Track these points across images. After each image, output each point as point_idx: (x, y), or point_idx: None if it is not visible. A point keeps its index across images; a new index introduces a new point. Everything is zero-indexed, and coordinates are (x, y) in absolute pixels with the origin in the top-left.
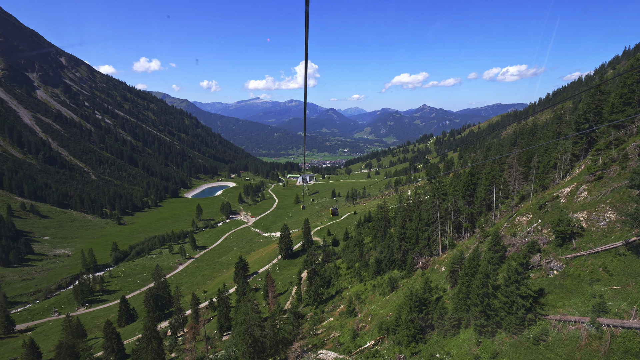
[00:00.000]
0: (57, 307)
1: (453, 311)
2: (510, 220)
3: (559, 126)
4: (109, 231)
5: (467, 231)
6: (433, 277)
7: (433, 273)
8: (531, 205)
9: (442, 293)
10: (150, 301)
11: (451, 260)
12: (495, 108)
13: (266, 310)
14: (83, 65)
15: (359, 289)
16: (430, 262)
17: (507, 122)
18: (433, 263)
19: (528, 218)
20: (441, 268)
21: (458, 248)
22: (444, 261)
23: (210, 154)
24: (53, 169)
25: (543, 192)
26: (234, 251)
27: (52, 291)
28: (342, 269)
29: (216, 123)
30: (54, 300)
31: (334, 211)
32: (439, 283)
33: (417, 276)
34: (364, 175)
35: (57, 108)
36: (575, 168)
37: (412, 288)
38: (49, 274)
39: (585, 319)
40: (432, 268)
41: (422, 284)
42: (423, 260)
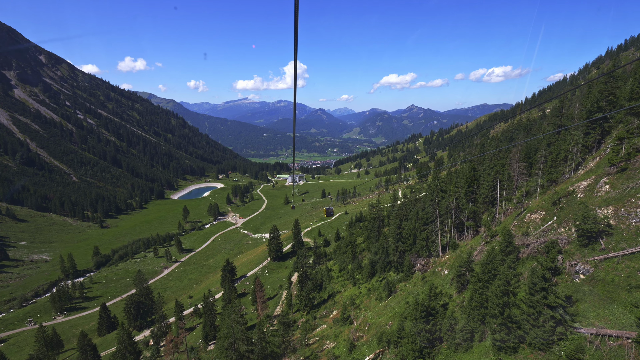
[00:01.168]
0: (33, 315)
1: (465, 322)
2: (519, 218)
3: (559, 119)
4: (91, 235)
5: (470, 230)
6: (435, 281)
7: (434, 276)
8: (543, 201)
9: (447, 299)
10: (130, 309)
11: (455, 262)
12: (482, 108)
13: (255, 317)
14: (64, 63)
15: (352, 293)
16: (430, 264)
17: (494, 121)
18: (433, 265)
19: (541, 215)
20: (443, 271)
21: (461, 249)
22: (446, 263)
23: (198, 154)
24: (31, 170)
25: (552, 187)
26: (221, 253)
27: (27, 299)
28: (334, 271)
29: (204, 124)
30: (30, 308)
31: (329, 211)
32: (442, 287)
33: (417, 279)
34: (354, 175)
35: (36, 107)
36: (588, 160)
37: (415, 294)
38: (25, 281)
39: (630, 333)
40: (432, 271)
41: (427, 290)
42: (422, 262)
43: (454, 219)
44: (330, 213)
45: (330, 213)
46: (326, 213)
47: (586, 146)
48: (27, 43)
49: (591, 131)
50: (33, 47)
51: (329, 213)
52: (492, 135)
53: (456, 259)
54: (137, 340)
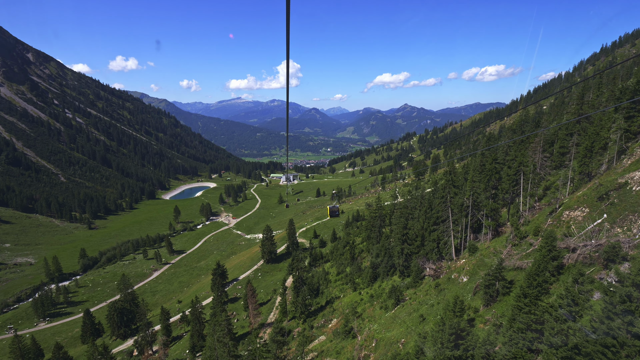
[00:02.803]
0: (14, 322)
1: (506, 349)
2: (555, 217)
3: (580, 107)
4: (79, 236)
5: (489, 231)
6: (453, 290)
7: (450, 284)
8: (584, 195)
9: (472, 314)
10: (114, 316)
11: (475, 267)
12: (475, 107)
13: (247, 324)
14: (52, 61)
15: (353, 299)
16: (443, 268)
17: (490, 119)
18: (448, 270)
19: (584, 213)
20: (461, 277)
21: (482, 252)
22: (464, 268)
23: (190, 154)
24: (17, 170)
25: (585, 179)
26: (213, 255)
27: (9, 305)
28: (331, 275)
29: (197, 123)
30: (11, 314)
31: (334, 211)
32: (463, 297)
33: (429, 287)
34: (349, 174)
35: (23, 106)
36: (634, 148)
37: (429, 304)
38: (7, 285)
39: None
40: (447, 277)
41: (448, 302)
42: (432, 267)
43: (470, 218)
44: (335, 213)
45: (335, 213)
46: (330, 213)
47: (630, 131)
48: (16, 43)
49: (636, 114)
50: (20, 44)
51: (334, 213)
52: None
53: (477, 264)
54: (121, 349)
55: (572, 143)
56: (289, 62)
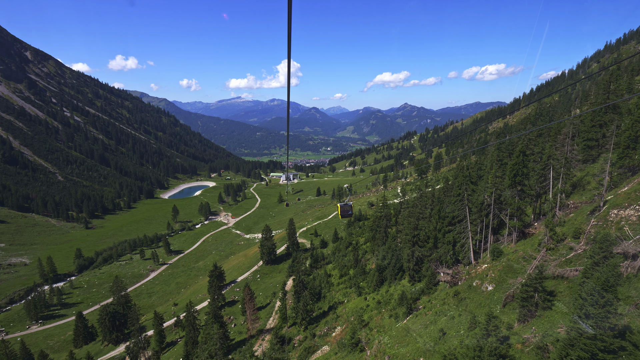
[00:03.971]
0: (6, 325)
1: None
2: (600, 216)
3: (607, 96)
4: (75, 236)
5: (514, 232)
6: (476, 300)
7: (472, 292)
8: (635, 192)
9: (505, 330)
10: (105, 320)
11: (502, 274)
12: (475, 106)
13: (244, 329)
14: (51, 60)
15: (358, 305)
16: (461, 274)
17: (492, 117)
18: (468, 277)
19: (639, 212)
20: (485, 285)
21: (508, 256)
22: (488, 275)
23: (190, 153)
24: (14, 169)
25: (629, 174)
26: (212, 255)
27: (1, 306)
28: (334, 277)
29: (197, 122)
30: (3, 317)
31: (345, 209)
32: (491, 309)
33: (446, 295)
34: (349, 173)
35: (20, 104)
36: None
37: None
38: (0, 286)
39: None
40: (468, 285)
41: (483, 321)
42: (448, 272)
43: (491, 218)
44: (347, 212)
45: (347, 212)
46: (341, 212)
47: None
48: (14, 41)
49: None
50: (18, 43)
51: (346, 212)
52: (490, 131)
53: (503, 270)
54: (112, 356)
55: (611, 133)
56: (290, 62)
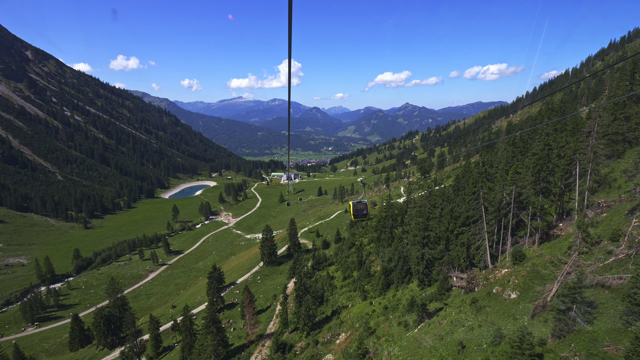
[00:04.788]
0: (1, 327)
1: None
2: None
3: (630, 87)
4: (74, 236)
5: (537, 233)
6: (497, 308)
7: (493, 300)
8: None
9: (539, 348)
10: (100, 324)
11: (527, 280)
12: (477, 106)
13: (244, 334)
14: (51, 59)
15: (363, 310)
16: (477, 279)
17: (494, 116)
18: (486, 282)
19: None
20: (507, 292)
21: (533, 261)
22: (511, 281)
23: (190, 152)
24: (13, 169)
25: None
26: (212, 255)
27: None
28: (337, 280)
29: (198, 122)
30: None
31: (359, 208)
32: (515, 320)
33: (462, 303)
34: (350, 172)
35: (20, 104)
36: None
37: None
38: None
39: None
40: (487, 291)
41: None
42: (462, 276)
43: (511, 218)
44: (361, 212)
45: (361, 212)
46: (354, 212)
47: None
48: (14, 40)
49: None
50: (19, 42)
51: (360, 212)
52: (494, 130)
53: (528, 276)
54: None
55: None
56: (291, 62)
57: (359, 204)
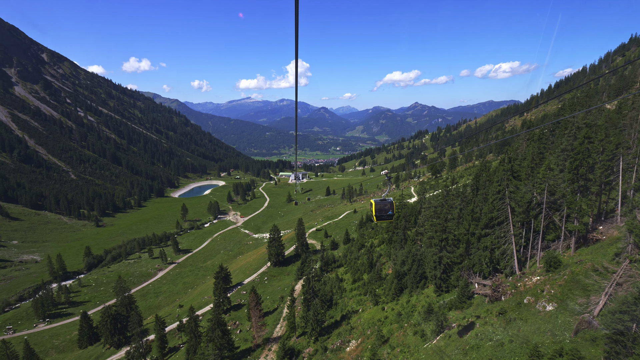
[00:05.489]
0: (14, 322)
1: None
2: None
3: None
4: (86, 234)
5: (571, 236)
6: (531, 321)
7: (524, 312)
8: None
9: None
10: (107, 322)
11: (567, 290)
12: (488, 105)
13: (250, 336)
14: (66, 62)
15: (375, 316)
16: (504, 287)
17: (507, 115)
18: (514, 291)
19: None
20: (542, 304)
21: (572, 268)
22: (545, 290)
23: (200, 152)
24: (28, 168)
25: None
26: (220, 255)
27: (10, 304)
28: (346, 282)
29: (207, 123)
30: (12, 314)
31: (383, 208)
32: (553, 336)
33: (487, 313)
34: (359, 172)
35: (36, 105)
36: None
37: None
38: (10, 283)
39: None
40: (517, 302)
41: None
42: (485, 283)
43: (542, 219)
44: (386, 212)
45: (386, 212)
46: (376, 212)
47: None
48: (31, 44)
49: None
50: (35, 45)
51: (384, 212)
52: (508, 129)
53: (566, 285)
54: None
55: None
56: (298, 62)
57: (383, 202)
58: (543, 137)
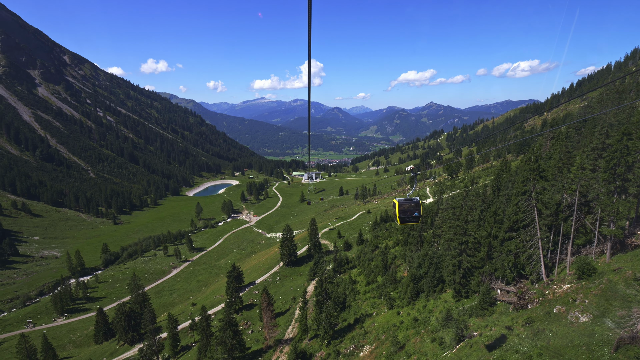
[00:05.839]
0: (34, 317)
1: None
2: None
3: None
4: (103, 231)
5: (606, 241)
6: (562, 333)
7: (554, 322)
8: None
9: None
10: (121, 319)
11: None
12: (505, 105)
13: (261, 337)
14: (87, 63)
15: (390, 321)
16: (530, 294)
17: (527, 114)
18: (542, 300)
19: None
20: (576, 315)
21: (610, 277)
22: (578, 299)
23: (214, 152)
24: (50, 166)
25: None
26: (233, 253)
27: (31, 298)
28: (359, 284)
29: (222, 123)
30: (32, 308)
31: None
32: (591, 349)
33: (512, 321)
34: (372, 172)
35: (58, 105)
36: None
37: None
38: (31, 278)
39: None
40: (545, 311)
41: None
42: (508, 289)
43: (573, 222)
44: (412, 214)
45: (412, 214)
46: (400, 214)
47: None
48: (54, 46)
49: None
50: (58, 47)
51: (409, 214)
52: (526, 129)
53: (602, 294)
54: (127, 357)
55: None
56: (311, 62)
57: (408, 202)
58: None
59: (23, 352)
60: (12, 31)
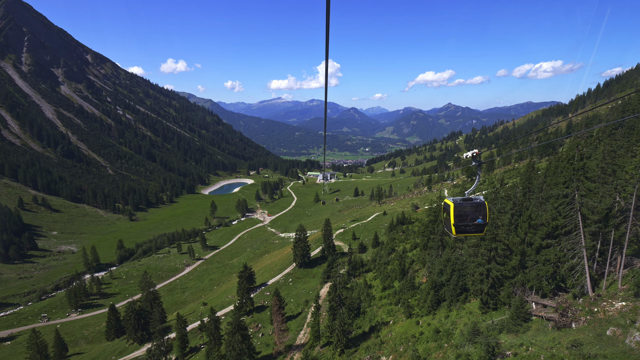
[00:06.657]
0: (49, 311)
1: None
2: None
3: None
4: (120, 227)
5: None
6: None
7: (607, 346)
8: None
9: None
10: (131, 318)
11: None
12: (526, 107)
13: (272, 341)
14: (108, 62)
15: (408, 331)
16: (575, 311)
17: (550, 115)
18: (590, 318)
19: None
20: (637, 340)
21: None
22: None
23: (230, 150)
24: (70, 162)
25: None
26: (246, 252)
27: (47, 292)
28: (375, 289)
29: (239, 122)
30: (47, 302)
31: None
32: None
33: (554, 342)
34: (388, 174)
35: (80, 103)
36: None
37: None
38: (48, 273)
39: None
40: (596, 332)
41: None
42: (545, 303)
43: (628, 230)
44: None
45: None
46: (457, 221)
47: None
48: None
49: None
50: (80, 47)
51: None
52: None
53: None
54: (136, 356)
55: None
56: (328, 62)
57: (470, 204)
58: (613, 133)
59: (34, 347)
60: (38, 31)
